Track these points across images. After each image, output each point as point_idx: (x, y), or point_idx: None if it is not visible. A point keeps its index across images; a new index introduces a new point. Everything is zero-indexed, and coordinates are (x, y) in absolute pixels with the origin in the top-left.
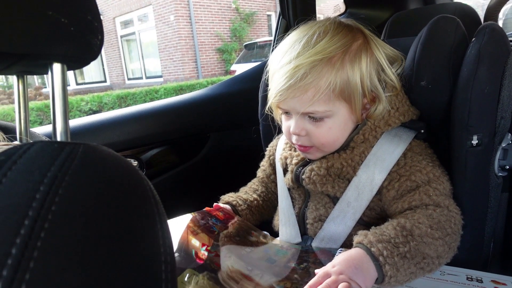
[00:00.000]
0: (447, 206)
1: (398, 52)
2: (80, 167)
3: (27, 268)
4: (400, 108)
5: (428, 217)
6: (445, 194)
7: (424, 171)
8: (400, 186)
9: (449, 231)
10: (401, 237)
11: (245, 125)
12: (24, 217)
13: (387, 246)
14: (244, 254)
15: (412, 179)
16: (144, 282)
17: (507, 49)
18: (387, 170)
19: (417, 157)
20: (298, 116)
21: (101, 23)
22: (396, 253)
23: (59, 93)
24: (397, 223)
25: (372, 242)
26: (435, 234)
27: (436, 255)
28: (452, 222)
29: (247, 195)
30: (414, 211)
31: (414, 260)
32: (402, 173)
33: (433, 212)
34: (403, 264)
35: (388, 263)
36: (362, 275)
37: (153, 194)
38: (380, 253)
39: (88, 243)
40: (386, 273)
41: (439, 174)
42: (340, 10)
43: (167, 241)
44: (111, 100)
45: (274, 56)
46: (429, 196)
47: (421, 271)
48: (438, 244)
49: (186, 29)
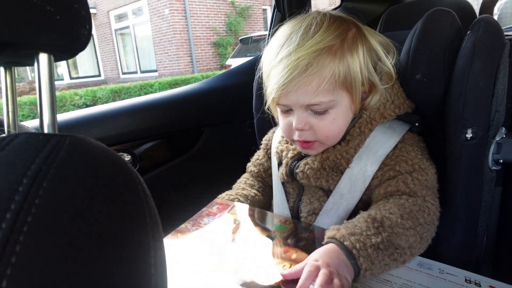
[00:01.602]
0: (423, 196)
1: (389, 41)
2: (66, 159)
3: (9, 262)
4: (396, 100)
5: (400, 207)
6: (425, 186)
7: (410, 162)
8: (383, 175)
9: (421, 221)
10: (372, 229)
11: (240, 120)
12: (6, 210)
13: (359, 239)
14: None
15: (396, 168)
16: (132, 277)
17: (502, 42)
18: (379, 162)
19: (406, 148)
20: (301, 110)
21: (88, 12)
22: (369, 244)
23: (46, 85)
24: (367, 215)
25: (345, 235)
26: (405, 224)
27: (407, 246)
28: (425, 212)
29: (247, 191)
30: (387, 200)
31: (388, 251)
32: (388, 163)
33: (406, 202)
34: (377, 256)
35: (362, 255)
36: (346, 268)
37: (142, 188)
38: (353, 246)
39: (73, 237)
40: (361, 265)
41: (425, 166)
42: (336, 4)
43: (157, 235)
44: (105, 95)
45: (268, 53)
46: (407, 185)
47: (394, 263)
48: (409, 234)
49: (181, 23)
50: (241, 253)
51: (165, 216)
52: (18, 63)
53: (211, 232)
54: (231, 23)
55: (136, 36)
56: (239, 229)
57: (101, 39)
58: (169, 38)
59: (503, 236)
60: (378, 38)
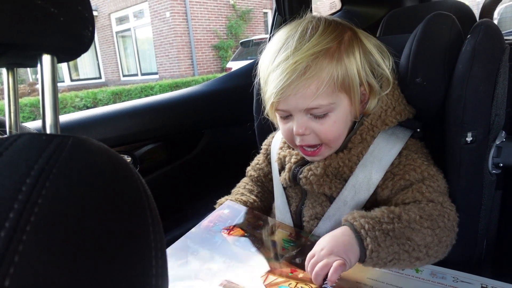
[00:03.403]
0: (441, 203)
1: (383, 45)
2: (69, 159)
3: (12, 262)
4: (397, 107)
5: (420, 209)
6: (439, 192)
7: (419, 169)
8: (394, 185)
9: (440, 225)
10: (386, 218)
11: (240, 122)
12: (9, 210)
13: (369, 221)
14: (250, 254)
15: (406, 178)
16: (133, 277)
17: (501, 46)
18: (384, 170)
19: (412, 156)
20: (301, 114)
21: (92, 14)
22: (378, 228)
23: (49, 86)
24: (386, 208)
25: (356, 217)
26: (424, 223)
27: (423, 244)
28: (445, 217)
29: (245, 196)
30: (407, 204)
31: (398, 240)
32: (396, 172)
33: (426, 206)
34: (385, 240)
35: (369, 236)
36: (351, 250)
37: (144, 188)
38: (361, 226)
39: (76, 236)
40: (367, 246)
41: (433, 172)
42: (336, 8)
43: (158, 236)
44: (105, 97)
45: (264, 58)
46: (422, 194)
47: (406, 254)
48: (427, 233)
49: (182, 26)
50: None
51: (165, 218)
52: (21, 64)
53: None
54: (232, 26)
55: (137, 39)
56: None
57: (102, 41)
58: (170, 41)
59: (503, 239)
60: (373, 42)
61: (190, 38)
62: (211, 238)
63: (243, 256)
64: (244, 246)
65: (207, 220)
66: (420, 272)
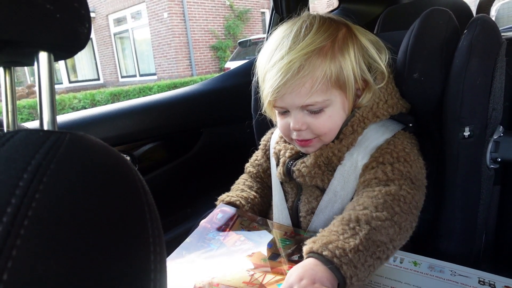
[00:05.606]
0: (400, 185)
1: (380, 40)
2: (66, 155)
3: (10, 256)
4: (389, 100)
5: (373, 199)
6: (406, 177)
7: (395, 154)
8: (366, 166)
9: (396, 210)
10: (349, 231)
11: (238, 121)
12: (7, 204)
13: (337, 245)
14: (247, 256)
15: (379, 160)
16: (131, 272)
17: (498, 41)
18: (369, 155)
19: (395, 142)
20: (297, 110)
21: (88, 11)
22: (349, 249)
23: (45, 84)
24: (341, 218)
25: (322, 246)
26: (381, 216)
27: (388, 239)
28: (400, 201)
29: (246, 193)
30: (360, 196)
31: (369, 251)
32: (373, 155)
33: (379, 193)
34: (359, 259)
35: (344, 262)
36: (331, 279)
37: (142, 184)
38: (333, 255)
39: (73, 231)
40: (345, 274)
41: (410, 159)
42: (333, 5)
43: (156, 232)
44: (104, 98)
45: (262, 57)
46: (385, 173)
47: (378, 261)
48: (387, 225)
49: (180, 27)
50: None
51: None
52: (18, 63)
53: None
54: (230, 26)
55: (135, 40)
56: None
57: (100, 42)
58: (168, 42)
59: (502, 234)
60: (369, 37)
61: (188, 38)
62: (207, 246)
63: (241, 259)
64: (241, 249)
65: (200, 227)
66: (418, 266)
